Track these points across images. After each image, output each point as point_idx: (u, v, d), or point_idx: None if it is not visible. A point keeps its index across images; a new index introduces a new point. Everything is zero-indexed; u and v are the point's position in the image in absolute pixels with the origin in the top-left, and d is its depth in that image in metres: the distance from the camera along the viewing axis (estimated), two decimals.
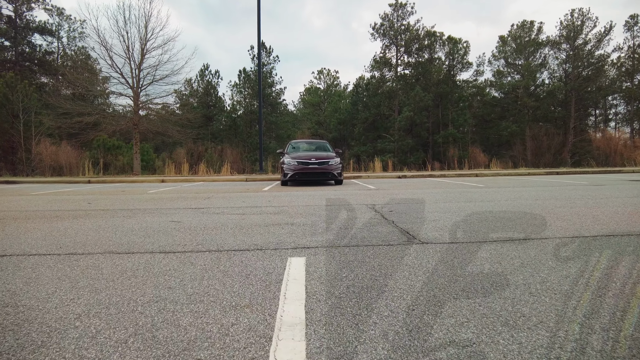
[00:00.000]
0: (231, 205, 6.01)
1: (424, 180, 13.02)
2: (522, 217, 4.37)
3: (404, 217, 4.50)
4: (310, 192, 8.33)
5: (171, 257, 2.77)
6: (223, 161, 20.26)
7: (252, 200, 6.89)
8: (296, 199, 6.97)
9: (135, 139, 19.22)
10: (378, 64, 38.72)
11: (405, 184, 11.02)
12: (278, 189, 9.96)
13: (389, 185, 10.47)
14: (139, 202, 6.73)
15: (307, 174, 10.48)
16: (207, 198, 7.36)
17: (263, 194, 8.13)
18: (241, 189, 10.02)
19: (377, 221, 4.22)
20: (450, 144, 37.82)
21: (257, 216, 4.81)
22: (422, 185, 10.57)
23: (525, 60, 42.61)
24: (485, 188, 8.95)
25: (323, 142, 13.03)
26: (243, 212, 5.25)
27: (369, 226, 3.90)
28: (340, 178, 10.86)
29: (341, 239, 3.27)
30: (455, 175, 15.31)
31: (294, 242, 3.21)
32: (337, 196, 7.35)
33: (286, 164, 10.67)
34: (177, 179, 14.83)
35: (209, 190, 9.47)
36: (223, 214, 5.05)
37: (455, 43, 41.85)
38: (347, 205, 5.72)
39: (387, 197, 7.03)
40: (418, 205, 5.70)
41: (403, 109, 35.42)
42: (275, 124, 38.60)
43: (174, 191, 9.49)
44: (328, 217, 4.57)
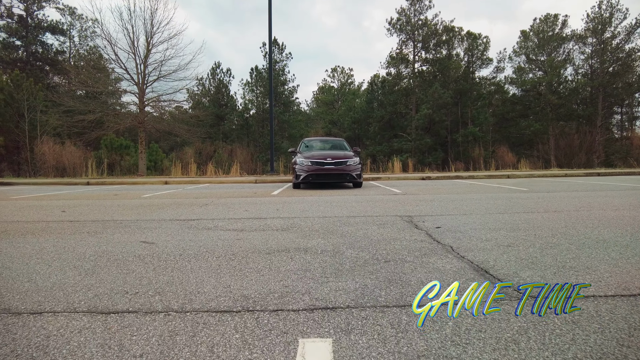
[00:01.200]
0: (229, 217, 4.82)
1: (452, 183, 11.67)
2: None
3: (460, 238, 3.23)
4: (326, 198, 7.10)
5: (92, 328, 1.57)
6: (233, 161, 19.19)
7: (256, 208, 5.69)
8: (310, 206, 5.75)
9: (141, 138, 18.28)
10: (394, 61, 37.25)
11: (433, 187, 9.70)
12: (289, 192, 8.75)
13: (416, 189, 9.17)
14: (122, 211, 5.61)
15: (322, 176, 9.26)
16: (204, 205, 6.20)
17: (271, 200, 6.93)
18: (248, 192, 8.85)
19: (426, 246, 2.96)
20: (470, 143, 36.12)
21: (258, 234, 3.60)
22: (454, 188, 9.24)
23: (548, 55, 40.59)
24: (531, 193, 7.58)
25: (339, 140, 11.77)
26: (242, 226, 4.05)
27: (419, 256, 2.65)
28: (360, 180, 9.60)
29: (385, 287, 2.03)
30: (484, 176, 13.90)
31: (309, 292, 1.98)
32: (360, 203, 6.10)
33: (299, 164, 9.45)
34: (181, 180, 13.80)
35: (210, 195, 8.33)
36: (215, 230, 3.86)
37: (475, 38, 40.15)
38: (377, 218, 4.48)
39: (421, 204, 5.75)
40: (467, 218, 4.42)
41: (421, 106, 33.92)
42: (287, 123, 37.48)
43: (171, 195, 8.38)
44: (355, 238, 3.33)
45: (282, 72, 37.30)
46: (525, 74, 41.98)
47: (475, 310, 1.66)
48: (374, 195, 7.66)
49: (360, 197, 7.24)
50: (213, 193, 8.71)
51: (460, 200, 6.35)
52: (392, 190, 8.91)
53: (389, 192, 8.22)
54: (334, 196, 7.44)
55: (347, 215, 4.76)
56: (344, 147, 11.12)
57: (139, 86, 18.01)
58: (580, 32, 39.90)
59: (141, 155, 18.46)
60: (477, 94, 38.18)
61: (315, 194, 7.96)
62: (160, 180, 13.82)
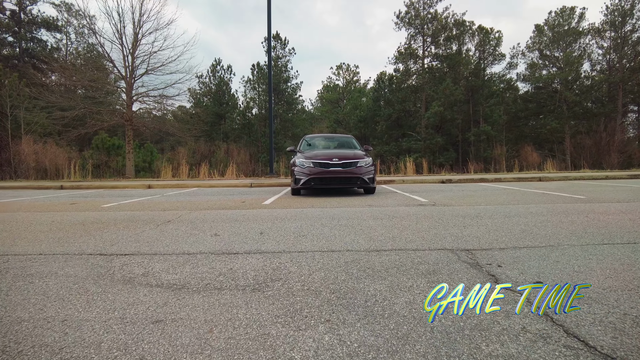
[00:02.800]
0: (181, 250, 3.11)
1: (480, 187, 9.90)
2: None
3: (612, 325, 1.50)
4: (332, 211, 5.38)
5: None
6: (229, 162, 17.52)
7: (233, 231, 3.99)
8: (310, 227, 4.04)
9: (128, 136, 16.65)
10: (403, 56, 35.44)
11: (463, 194, 7.95)
12: (286, 201, 7.05)
13: (443, 196, 7.42)
14: (39, 232, 3.93)
15: (327, 180, 7.54)
16: (164, 223, 4.50)
17: (259, 214, 5.22)
18: (234, 202, 7.15)
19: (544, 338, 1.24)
20: (482, 143, 34.18)
21: (204, 302, 1.88)
22: (490, 196, 7.49)
23: (563, 51, 38.52)
24: (598, 203, 5.81)
25: (347, 137, 10.01)
26: (187, 277, 2.34)
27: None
28: (373, 185, 7.86)
29: None
30: (513, 179, 12.10)
31: None
32: (380, 220, 4.38)
33: (298, 165, 7.73)
34: (167, 184, 12.16)
35: (185, 205, 6.64)
36: (134, 287, 2.14)
37: (487, 33, 38.27)
38: (416, 256, 2.74)
39: (468, 224, 4.01)
40: (564, 255, 2.67)
41: (431, 104, 32.07)
42: (290, 122, 35.80)
43: (138, 206, 6.71)
44: (397, 325, 1.61)
45: (285, 68, 35.61)
46: (539, 70, 39.92)
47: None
48: (394, 206, 5.92)
49: (377, 209, 5.51)
50: (191, 203, 7.02)
51: (515, 216, 4.60)
52: (415, 198, 7.16)
53: (412, 201, 6.48)
54: (342, 207, 5.72)
55: (365, 247, 3.04)
56: (352, 145, 9.38)
57: (127, 80, 16.39)
58: (598, 25, 37.88)
59: (128, 156, 16.84)
60: (489, 91, 36.26)
61: (318, 204, 6.25)
62: (143, 183, 12.18)
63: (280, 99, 36.33)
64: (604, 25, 38.10)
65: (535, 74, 39.24)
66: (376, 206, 5.87)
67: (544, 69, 39.85)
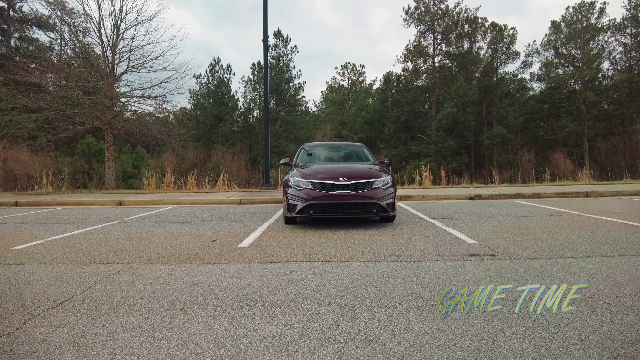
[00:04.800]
0: None
1: (525, 210, 7.89)
2: None
3: None
4: (341, 275, 3.44)
5: None
6: (221, 171, 15.59)
7: (164, 331, 2.02)
8: (303, 313, 2.07)
9: (108, 142, 14.75)
10: (412, 54, 33.37)
11: (510, 222, 5.96)
12: (273, 241, 5.11)
13: (489, 229, 5.44)
14: None
15: (332, 207, 5.54)
16: (39, 315, 2.56)
17: (220, 286, 3.28)
18: (203, 241, 5.20)
19: None
20: (496, 146, 32.04)
21: None
22: (549, 226, 5.53)
23: (581, 48, 36.22)
24: None
25: (356, 146, 7.95)
26: None
27: None
28: (393, 213, 5.86)
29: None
30: (554, 195, 10.05)
31: None
32: (428, 308, 2.42)
33: (293, 186, 5.74)
34: (142, 199, 10.25)
35: (128, 250, 4.72)
36: None
37: (500, 30, 36.18)
38: None
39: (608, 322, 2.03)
40: None
41: (443, 105, 30.00)
42: (293, 124, 33.81)
43: (66, 246, 4.82)
44: None
45: (287, 67, 33.67)
46: (554, 69, 37.64)
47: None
48: (432, 256, 3.94)
49: (409, 266, 3.54)
50: (141, 244, 5.07)
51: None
52: (454, 234, 5.16)
53: (453, 244, 4.49)
54: (354, 262, 3.75)
55: None
56: (364, 157, 7.38)
57: (106, 78, 14.51)
58: (619, 21, 35.57)
59: (108, 164, 14.92)
60: (503, 91, 34.12)
61: (317, 249, 4.29)
62: (113, 200, 10.27)
63: (282, 100, 34.42)
64: (624, 22, 35.83)
65: (550, 73, 36.97)
66: (405, 257, 3.89)
67: (560, 68, 37.60)
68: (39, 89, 18.29)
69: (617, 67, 37.75)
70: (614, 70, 37.57)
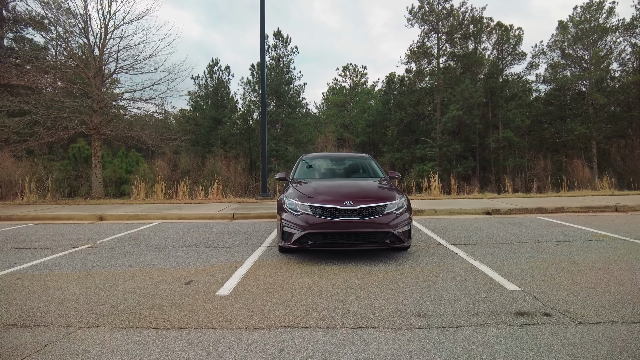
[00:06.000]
0: None
1: (556, 231, 6.95)
2: None
3: None
4: (356, 343, 2.50)
5: None
6: (215, 179, 14.63)
7: None
8: None
9: (95, 147, 13.81)
10: (415, 55, 32.40)
11: (543, 250, 5.02)
12: (266, 277, 4.20)
13: (522, 261, 4.51)
14: None
15: (337, 238, 4.55)
16: None
17: (191, 350, 2.34)
18: (176, 282, 4.27)
19: None
20: (503, 150, 31.04)
21: None
22: (593, 259, 4.62)
23: (588, 49, 35.18)
24: None
25: (363, 158, 6.82)
26: None
27: None
28: (409, 243, 4.89)
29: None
30: (580, 209, 9.09)
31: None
32: None
33: (288, 209, 4.77)
34: (126, 213, 9.32)
35: (79, 299, 3.81)
36: None
37: (506, 30, 35.20)
38: None
39: None
40: None
41: (448, 107, 29.02)
42: (293, 127, 32.85)
43: (19, 283, 3.91)
44: None
45: (287, 68, 32.72)
46: (560, 71, 36.61)
47: None
48: (469, 314, 2.99)
49: (443, 336, 2.61)
50: (100, 282, 4.16)
51: None
52: (485, 272, 4.21)
53: (486, 282, 3.54)
54: (369, 331, 2.81)
55: None
56: (371, 171, 6.41)
57: (92, 80, 13.59)
58: (629, 21, 34.55)
59: (95, 171, 13.98)
60: (509, 93, 33.13)
61: (319, 300, 3.35)
62: (93, 214, 9.34)
63: (282, 102, 33.48)
64: (634, 21, 34.81)
65: (556, 75, 35.96)
66: (434, 319, 2.94)
67: (566, 69, 36.59)
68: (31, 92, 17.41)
69: (625, 69, 36.70)
70: (622, 71, 36.54)
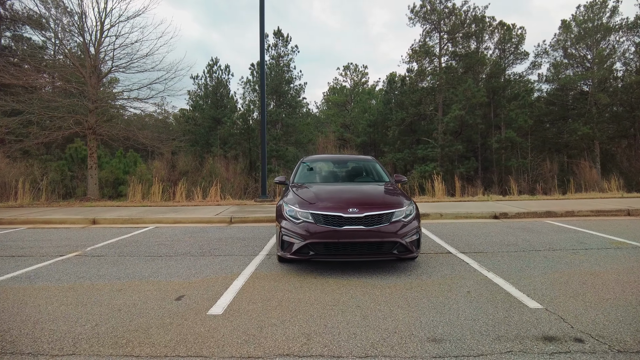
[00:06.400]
0: None
1: (571, 237, 6.62)
2: None
3: None
4: None
5: None
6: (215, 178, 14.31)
7: None
8: None
9: (90, 148, 13.50)
10: (417, 54, 32.05)
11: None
12: (264, 292, 3.90)
13: (540, 272, 4.19)
14: None
15: (340, 248, 4.22)
16: None
17: None
18: (167, 298, 3.95)
19: None
20: (505, 150, 30.70)
21: None
22: (618, 274, 4.27)
23: (591, 49, 34.83)
24: None
25: (367, 161, 6.49)
26: None
27: None
28: (416, 253, 4.52)
29: None
30: (590, 213, 8.77)
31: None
32: None
33: (288, 217, 4.45)
34: (120, 216, 9.00)
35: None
36: None
37: (509, 30, 34.87)
38: None
39: None
40: None
41: (450, 107, 28.69)
42: (293, 127, 32.52)
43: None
44: None
45: (288, 68, 32.37)
46: (563, 70, 36.25)
47: None
48: (490, 338, 2.67)
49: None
50: (83, 298, 3.84)
51: None
52: (502, 286, 3.88)
53: (504, 298, 3.21)
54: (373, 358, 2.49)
55: None
56: (376, 175, 6.08)
57: (88, 79, 13.27)
58: (632, 20, 34.20)
59: (91, 172, 13.66)
60: (512, 93, 32.80)
61: (322, 321, 3.02)
62: (87, 217, 9.01)
63: (283, 102, 33.16)
64: (638, 21, 34.45)
65: (559, 74, 35.61)
66: (451, 345, 2.62)
67: (569, 69, 36.25)
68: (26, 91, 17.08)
69: (629, 68, 36.35)
70: (626, 71, 36.19)
